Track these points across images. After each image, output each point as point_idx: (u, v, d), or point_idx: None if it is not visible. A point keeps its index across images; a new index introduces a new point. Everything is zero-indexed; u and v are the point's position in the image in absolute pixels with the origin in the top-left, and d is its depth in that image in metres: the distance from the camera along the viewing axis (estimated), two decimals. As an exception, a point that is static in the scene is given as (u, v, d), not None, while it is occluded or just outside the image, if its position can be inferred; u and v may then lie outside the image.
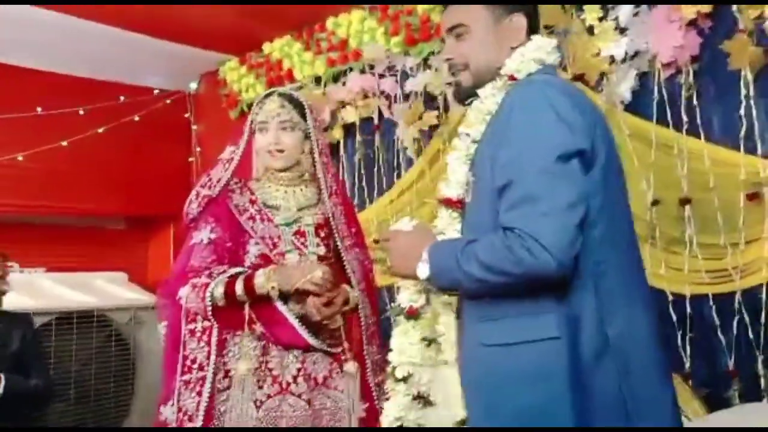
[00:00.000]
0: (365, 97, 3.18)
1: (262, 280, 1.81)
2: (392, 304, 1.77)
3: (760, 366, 1.99)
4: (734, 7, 2.11)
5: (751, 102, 2.07)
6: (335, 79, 3.31)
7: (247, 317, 1.81)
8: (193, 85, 4.29)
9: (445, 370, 1.66)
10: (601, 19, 2.40)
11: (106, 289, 3.83)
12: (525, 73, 1.48)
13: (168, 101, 4.22)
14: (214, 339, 1.82)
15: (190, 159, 4.31)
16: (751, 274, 2.02)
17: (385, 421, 1.59)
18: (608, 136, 1.48)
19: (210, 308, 1.81)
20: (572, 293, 1.34)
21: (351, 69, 3.23)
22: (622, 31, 2.36)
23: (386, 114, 3.11)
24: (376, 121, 3.11)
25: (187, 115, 4.31)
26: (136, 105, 4.03)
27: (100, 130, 3.86)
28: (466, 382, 1.54)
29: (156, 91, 4.18)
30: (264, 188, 1.96)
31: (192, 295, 1.82)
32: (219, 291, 1.82)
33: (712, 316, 2.12)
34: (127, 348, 3.63)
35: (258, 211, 1.91)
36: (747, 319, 2.04)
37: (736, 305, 2.06)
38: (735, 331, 2.07)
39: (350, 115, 3.20)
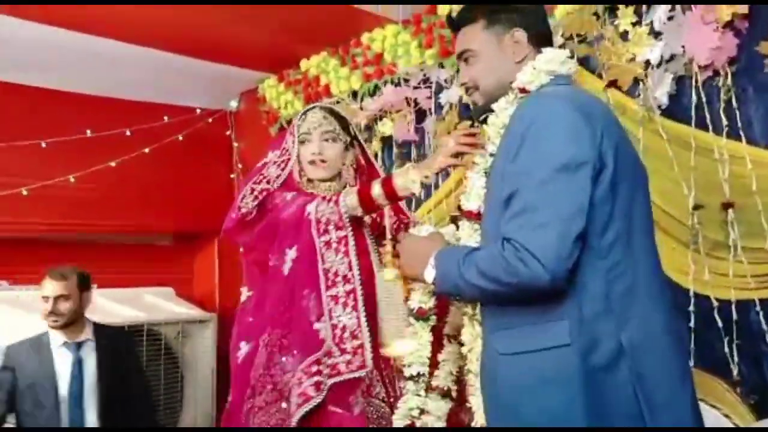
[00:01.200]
0: (399, 110, 3.22)
1: (402, 179, 1.78)
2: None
3: (809, 372, 1.95)
4: (772, 7, 2.08)
5: (794, 102, 2.04)
6: (371, 93, 3.36)
7: (388, 223, 1.72)
8: (234, 104, 4.40)
9: (471, 377, 1.69)
10: (634, 24, 2.39)
11: (154, 304, 3.94)
12: (537, 84, 1.53)
13: (210, 120, 4.33)
14: (352, 248, 1.82)
15: (232, 176, 4.41)
16: (798, 279, 1.98)
17: (395, 418, 1.65)
18: (619, 141, 1.48)
19: (345, 214, 1.82)
20: (584, 299, 1.36)
21: (386, 82, 3.27)
22: (656, 35, 2.34)
23: (421, 125, 3.14)
24: (412, 132, 3.14)
25: (228, 133, 4.42)
26: (179, 124, 4.16)
27: (146, 150, 3.98)
28: (483, 390, 1.57)
29: (198, 111, 4.30)
30: None
31: (322, 206, 1.84)
32: (352, 199, 1.83)
33: (759, 322, 2.07)
34: (176, 360, 3.72)
35: None
36: (796, 324, 2.00)
37: (785, 310, 2.02)
38: (783, 337, 2.03)
39: (387, 128, 3.25)
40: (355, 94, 3.46)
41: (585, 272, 1.36)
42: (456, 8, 1.73)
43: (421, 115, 3.15)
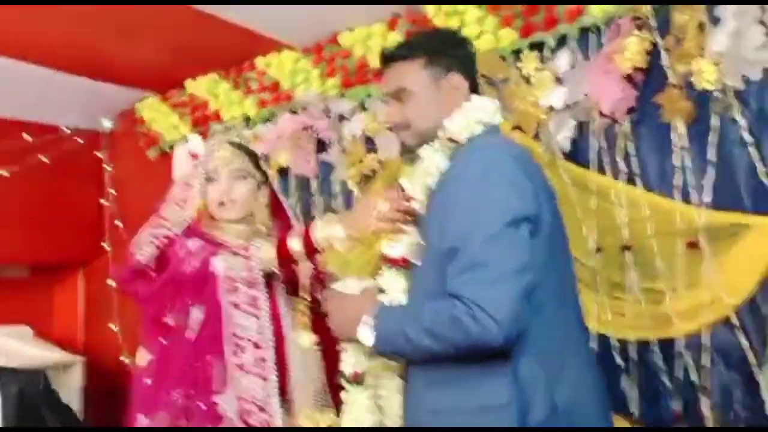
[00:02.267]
0: (298, 138, 3.10)
1: (324, 234, 1.62)
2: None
3: (704, 408, 2.05)
4: (665, 62, 2.21)
5: (685, 153, 2.17)
6: (267, 120, 3.22)
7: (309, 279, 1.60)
8: (107, 124, 4.05)
9: None
10: (538, 70, 2.46)
11: (9, 346, 3.49)
12: (467, 135, 1.49)
13: (80, 140, 3.96)
14: (264, 310, 1.63)
15: (103, 201, 4.05)
16: (691, 319, 2.09)
17: None
18: (552, 196, 1.51)
19: (258, 271, 1.64)
20: (518, 358, 1.35)
21: (283, 110, 3.15)
22: (558, 81, 2.42)
23: (321, 156, 3.04)
24: (312, 164, 3.03)
25: (100, 155, 4.06)
26: (44, 144, 3.76)
27: (3, 173, 3.56)
28: None
29: (66, 129, 3.91)
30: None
31: (231, 260, 1.65)
32: (267, 253, 1.65)
33: (656, 360, 2.17)
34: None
35: None
36: (691, 362, 2.10)
37: (680, 349, 2.13)
38: (680, 375, 2.13)
39: (283, 159, 3.11)
40: (248, 120, 3.30)
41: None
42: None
43: (320, 145, 3.05)
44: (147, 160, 3.80)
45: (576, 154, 2.39)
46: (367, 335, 1.42)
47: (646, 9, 2.24)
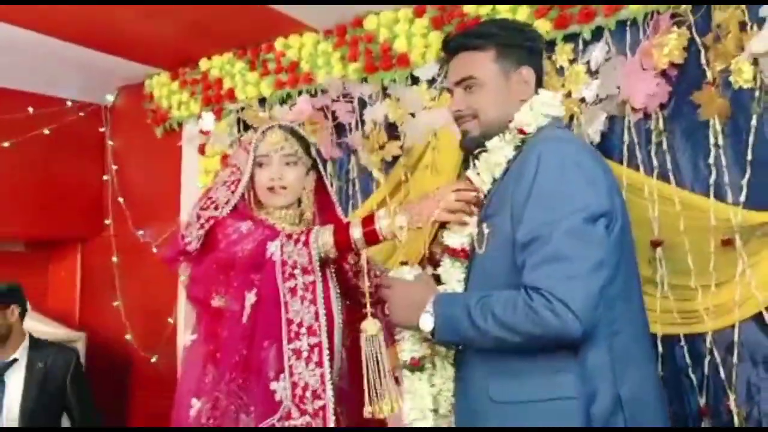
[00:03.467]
0: (315, 122, 3.05)
1: (387, 222, 1.57)
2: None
3: (732, 404, 2.08)
4: (702, 59, 2.22)
5: (720, 151, 2.18)
6: (283, 101, 3.16)
7: (365, 268, 1.57)
8: (110, 98, 3.96)
9: (438, 421, 1.62)
10: (571, 62, 2.45)
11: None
12: (535, 126, 1.51)
13: (82, 114, 3.86)
14: (320, 296, 1.58)
15: (105, 177, 3.96)
16: (722, 315, 2.11)
17: None
18: (620, 193, 1.52)
19: (316, 258, 1.59)
20: (587, 352, 1.36)
21: (301, 92, 3.10)
22: (592, 74, 2.42)
23: (341, 141, 3.00)
24: (333, 147, 2.99)
25: (102, 130, 3.96)
26: (46, 117, 3.67)
27: (6, 144, 3.46)
28: None
29: (69, 103, 3.81)
30: None
31: (289, 245, 1.60)
32: (326, 240, 1.60)
33: (684, 356, 2.19)
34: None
35: None
36: (718, 359, 2.13)
37: (708, 345, 2.15)
38: (706, 371, 2.15)
39: (314, 149, 3.05)
40: (263, 101, 3.24)
41: None
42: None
43: (339, 129, 3.01)
44: (152, 137, 3.72)
45: (607, 148, 2.38)
46: (428, 322, 1.42)
47: (686, 6, 2.24)
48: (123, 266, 3.76)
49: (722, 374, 2.12)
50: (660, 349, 2.23)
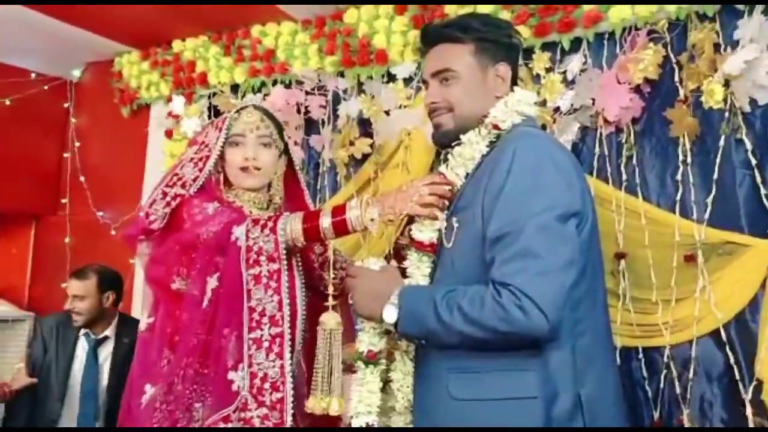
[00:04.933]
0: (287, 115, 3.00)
1: (357, 213, 1.53)
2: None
3: (685, 419, 2.10)
4: (676, 78, 2.25)
5: (688, 169, 2.20)
6: (257, 89, 3.11)
7: (331, 259, 1.54)
8: (76, 73, 3.85)
9: (395, 417, 1.60)
10: (548, 70, 2.46)
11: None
12: (509, 123, 1.51)
13: (46, 87, 3.74)
14: (284, 285, 1.52)
15: (66, 154, 3.84)
16: (680, 330, 2.14)
17: None
18: (591, 195, 1.52)
19: (283, 246, 1.53)
20: (551, 352, 1.35)
21: (276, 82, 3.05)
22: (568, 84, 2.43)
23: (311, 135, 2.96)
24: (299, 141, 2.95)
25: (66, 105, 3.84)
26: (8, 87, 3.54)
27: (-38, 112, 3.33)
28: None
29: (33, 75, 3.69)
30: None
31: (255, 231, 1.53)
32: (294, 228, 1.54)
33: (641, 368, 2.21)
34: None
35: None
36: (674, 373, 2.15)
37: (665, 359, 2.17)
38: (662, 384, 2.17)
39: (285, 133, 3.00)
40: (235, 88, 3.18)
41: None
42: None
43: (310, 124, 2.97)
44: (118, 117, 3.63)
45: (577, 158, 2.37)
46: (391, 314, 1.39)
47: (663, 23, 2.27)
48: (77, 247, 3.65)
49: (677, 388, 2.14)
50: (618, 360, 2.23)
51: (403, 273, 1.56)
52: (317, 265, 1.85)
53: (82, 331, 2.88)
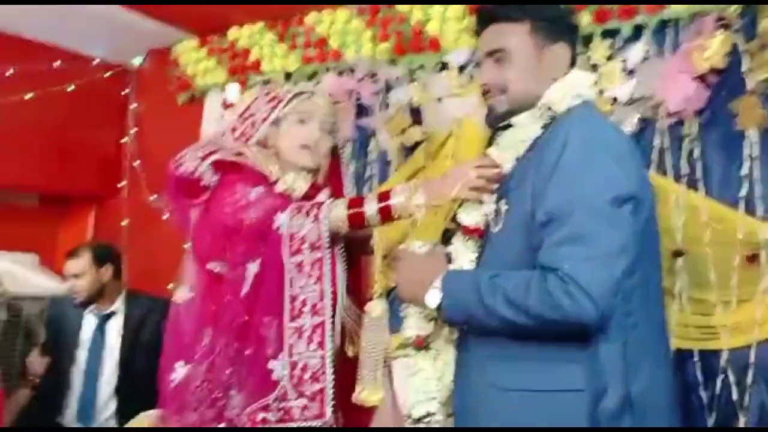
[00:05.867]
0: (336, 102, 2.98)
1: (403, 199, 1.49)
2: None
3: (741, 425, 1.99)
4: (744, 67, 2.12)
5: (754, 164, 2.08)
6: (309, 77, 3.11)
7: (377, 247, 1.52)
8: (137, 61, 3.93)
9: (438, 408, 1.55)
10: (608, 58, 2.37)
11: (14, 273, 3.39)
12: (565, 106, 1.43)
13: (107, 74, 3.84)
14: (327, 274, 1.50)
15: (124, 140, 3.93)
16: (740, 334, 2.02)
17: None
18: (649, 180, 1.45)
19: (326, 234, 1.50)
20: (600, 344, 1.28)
21: (328, 69, 3.04)
22: (628, 73, 2.33)
23: (362, 123, 2.94)
24: (352, 130, 2.93)
25: (126, 92, 3.93)
26: (71, 73, 3.64)
27: (29, 96, 3.44)
28: (467, 424, 1.43)
29: (95, 62, 3.79)
30: None
31: (298, 218, 1.51)
32: (339, 215, 1.52)
33: (696, 373, 2.10)
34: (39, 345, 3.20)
35: None
36: (731, 378, 2.03)
37: (722, 364, 2.06)
38: (718, 390, 2.06)
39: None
40: (288, 75, 3.19)
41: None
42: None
43: (361, 111, 2.95)
44: (174, 104, 3.68)
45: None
46: (435, 297, 1.35)
47: (733, 10, 2.15)
48: (132, 230, 3.73)
49: (734, 395, 2.02)
50: (670, 353, 2.13)
51: (449, 258, 1.52)
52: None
53: (88, 308, 2.87)
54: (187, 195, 1.66)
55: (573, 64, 1.51)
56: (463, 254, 1.47)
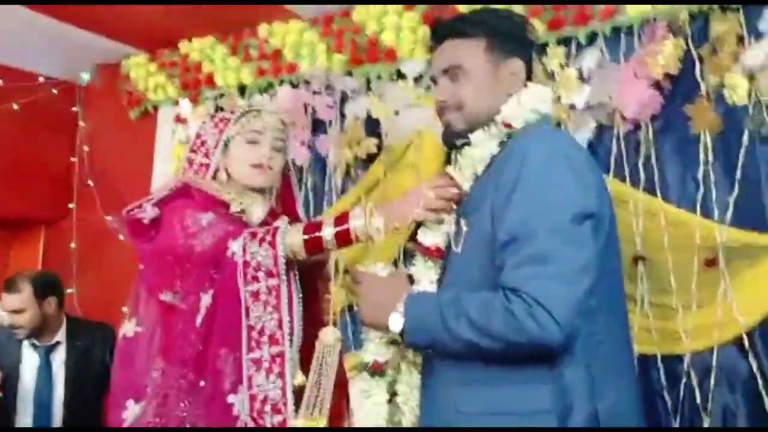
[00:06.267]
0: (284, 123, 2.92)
1: (361, 222, 1.45)
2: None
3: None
4: (697, 72, 2.15)
5: (710, 167, 2.10)
6: (263, 90, 3.05)
7: (333, 271, 1.48)
8: (86, 76, 3.81)
9: None
10: (563, 66, 2.37)
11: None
12: (522, 121, 1.41)
13: (54, 91, 3.71)
14: (284, 302, 1.44)
15: (73, 159, 3.81)
16: (701, 337, 2.04)
17: None
18: (609, 196, 1.43)
19: (282, 260, 1.45)
20: (565, 363, 1.26)
21: (282, 82, 2.99)
22: (583, 80, 2.34)
23: (318, 136, 2.89)
24: (306, 141, 2.88)
25: (75, 109, 3.81)
26: (16, 91, 3.51)
27: (-29, 117, 3.31)
28: None
29: (41, 79, 3.66)
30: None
31: (253, 245, 1.45)
32: (295, 240, 1.47)
33: (660, 377, 2.11)
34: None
35: None
36: (695, 382, 2.04)
37: (685, 367, 2.07)
38: (681, 394, 2.07)
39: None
40: (243, 89, 3.12)
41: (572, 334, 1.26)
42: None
43: (317, 125, 2.90)
44: (126, 119, 3.59)
45: (593, 157, 2.28)
46: (398, 322, 1.31)
47: (684, 15, 2.17)
48: (83, 252, 3.61)
49: (698, 398, 2.04)
50: (635, 368, 2.13)
51: (412, 279, 1.48)
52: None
53: (26, 341, 2.73)
54: (137, 236, 1.60)
55: (529, 78, 1.50)
56: (425, 275, 1.44)
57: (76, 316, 2.98)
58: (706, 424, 2.01)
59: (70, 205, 3.74)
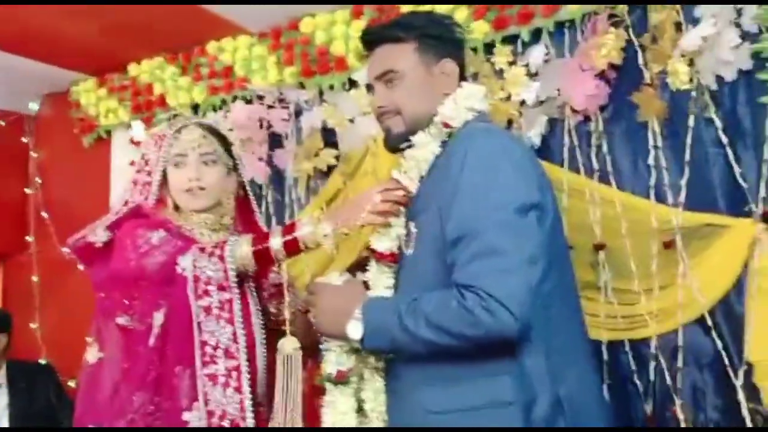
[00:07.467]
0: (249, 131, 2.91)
1: (309, 230, 1.44)
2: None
3: (678, 410, 2.02)
4: (640, 60, 2.20)
5: (660, 153, 2.15)
6: (217, 108, 3.03)
7: (285, 281, 1.47)
8: (34, 106, 3.74)
9: None
10: (511, 64, 2.40)
11: None
12: (460, 120, 1.46)
13: (2, 123, 3.64)
14: (237, 314, 1.43)
15: (28, 190, 3.73)
16: (665, 320, 2.07)
17: None
18: (551, 186, 1.47)
19: (233, 273, 1.44)
20: (524, 353, 1.30)
21: (236, 98, 2.97)
22: (531, 76, 2.37)
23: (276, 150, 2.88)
24: (264, 157, 2.87)
25: (25, 140, 3.74)
26: (-38, 125, 3.43)
27: None
28: None
29: (-13, 111, 3.59)
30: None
31: (202, 261, 1.44)
32: (243, 252, 1.46)
33: (629, 362, 2.14)
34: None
35: None
36: (663, 364, 2.08)
37: (653, 351, 2.10)
38: (651, 377, 2.10)
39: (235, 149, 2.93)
40: (196, 108, 3.10)
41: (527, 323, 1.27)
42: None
43: (274, 139, 2.89)
44: (79, 147, 3.53)
45: (547, 151, 2.34)
46: (357, 329, 1.31)
47: (623, 7, 2.22)
48: (44, 285, 3.53)
49: (668, 379, 2.07)
50: (605, 356, 2.17)
51: (367, 286, 1.48)
52: (267, 295, 1.74)
53: None
54: (89, 263, 1.58)
55: (463, 77, 1.53)
56: (380, 280, 1.45)
57: (12, 358, 2.90)
58: (678, 405, 2.04)
59: (28, 238, 3.66)
